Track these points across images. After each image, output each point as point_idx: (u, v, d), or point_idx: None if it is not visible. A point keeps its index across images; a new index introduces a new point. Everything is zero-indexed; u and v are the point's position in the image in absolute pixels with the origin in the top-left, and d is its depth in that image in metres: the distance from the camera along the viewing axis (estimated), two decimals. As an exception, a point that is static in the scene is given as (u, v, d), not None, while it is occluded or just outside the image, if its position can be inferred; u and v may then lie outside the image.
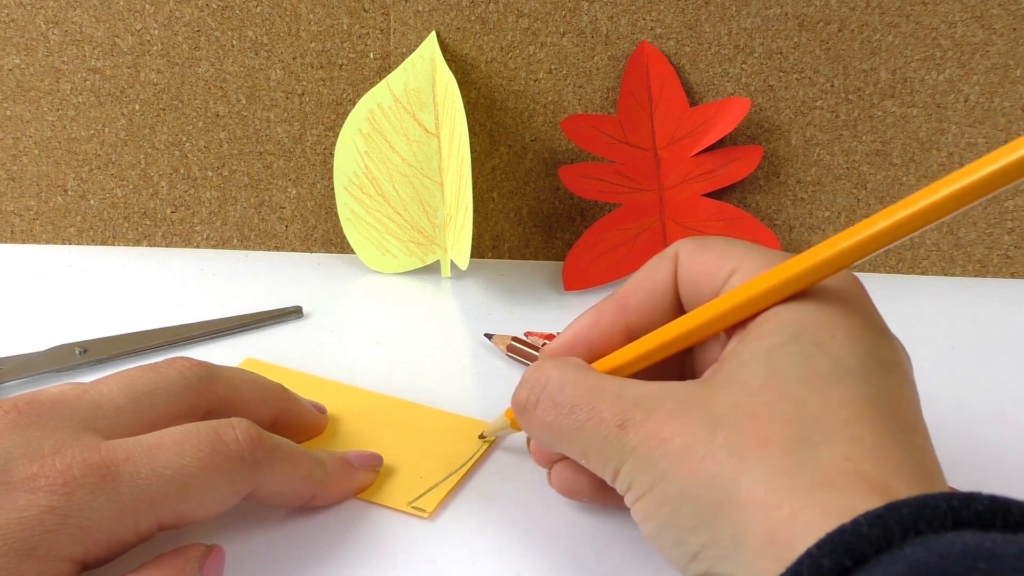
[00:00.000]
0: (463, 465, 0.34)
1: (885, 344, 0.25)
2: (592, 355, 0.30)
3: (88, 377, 0.40)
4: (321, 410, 0.36)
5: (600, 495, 0.30)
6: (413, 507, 0.31)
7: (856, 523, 0.19)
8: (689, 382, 0.26)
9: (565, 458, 0.30)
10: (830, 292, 0.26)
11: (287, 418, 0.33)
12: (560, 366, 0.28)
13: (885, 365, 0.24)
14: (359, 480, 0.32)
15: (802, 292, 0.25)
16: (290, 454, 0.29)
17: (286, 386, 0.34)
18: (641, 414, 0.25)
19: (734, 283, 0.27)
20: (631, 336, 0.29)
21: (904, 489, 0.21)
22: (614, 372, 0.29)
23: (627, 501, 0.25)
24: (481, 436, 0.35)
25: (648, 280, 0.29)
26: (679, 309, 0.29)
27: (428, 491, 0.32)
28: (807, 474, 0.21)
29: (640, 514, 0.25)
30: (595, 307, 0.30)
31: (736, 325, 0.26)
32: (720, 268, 0.28)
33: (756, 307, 0.26)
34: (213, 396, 0.30)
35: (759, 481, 0.22)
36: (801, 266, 0.25)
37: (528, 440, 0.33)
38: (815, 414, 0.23)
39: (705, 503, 0.23)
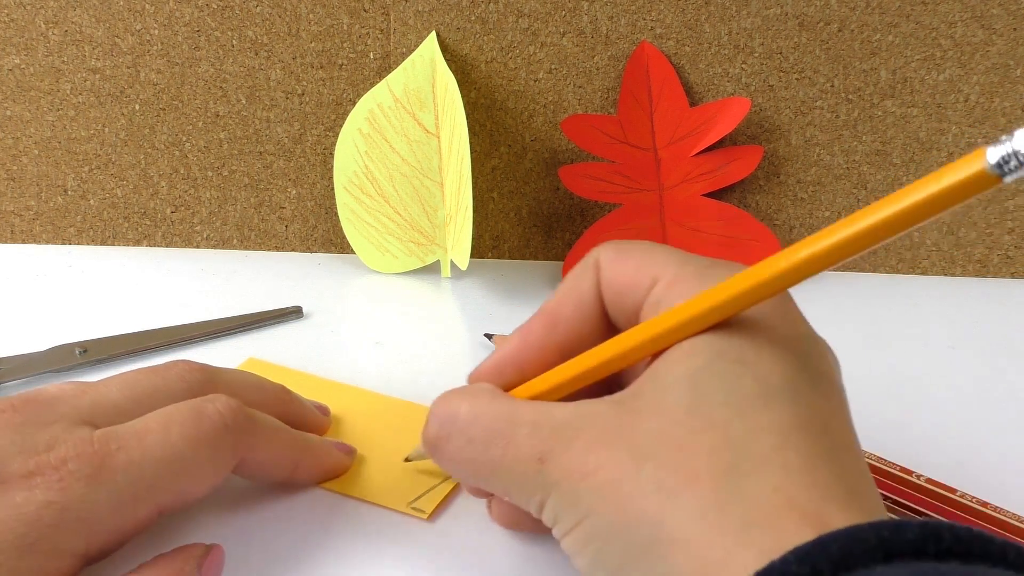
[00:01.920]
0: None
1: (813, 354, 0.24)
2: (522, 376, 0.28)
3: (88, 377, 0.40)
4: (324, 411, 0.36)
5: (541, 526, 0.28)
6: (412, 508, 0.31)
7: (785, 561, 0.19)
8: (609, 403, 0.24)
9: None
10: None
11: (289, 420, 0.33)
12: (470, 396, 0.26)
13: (813, 379, 0.23)
14: (338, 457, 0.33)
15: None
16: (271, 423, 0.30)
17: (289, 387, 0.34)
18: (561, 445, 0.23)
19: (657, 294, 0.25)
20: (562, 353, 0.28)
21: (837, 516, 0.20)
22: (539, 398, 0.27)
23: (555, 534, 0.24)
24: (407, 459, 0.33)
25: (573, 292, 0.28)
26: (607, 320, 0.28)
27: (427, 492, 0.32)
28: (738, 510, 0.20)
29: (570, 548, 0.24)
30: (523, 326, 0.28)
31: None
32: (642, 277, 0.26)
33: (687, 332, 0.24)
34: None
35: (690, 519, 0.21)
36: (739, 288, 0.23)
37: None
38: (743, 441, 0.21)
39: (635, 542, 0.22)
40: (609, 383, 0.29)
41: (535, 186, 0.51)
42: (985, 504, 0.31)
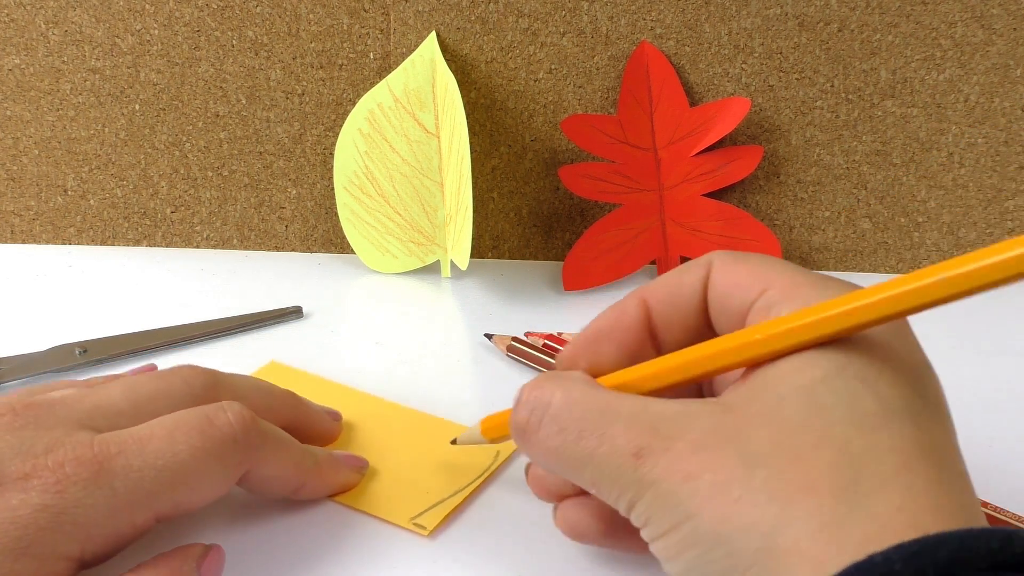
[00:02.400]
0: (470, 484, 0.33)
1: (930, 383, 0.23)
2: (612, 357, 0.27)
3: (88, 378, 0.40)
4: (335, 417, 0.35)
5: (610, 539, 0.28)
6: (414, 523, 0.31)
7: (888, 559, 0.18)
8: (712, 405, 0.23)
9: (570, 495, 0.28)
10: None
11: (297, 426, 0.33)
12: (564, 384, 0.26)
13: (931, 406, 0.23)
14: (346, 475, 0.32)
15: None
16: (282, 440, 0.30)
17: (309, 392, 0.34)
18: (661, 442, 0.23)
19: (769, 298, 0.25)
20: (650, 339, 0.27)
21: None
22: (628, 387, 0.26)
23: (644, 536, 0.23)
24: (453, 442, 0.33)
25: (675, 281, 0.27)
26: (705, 319, 0.27)
27: (431, 508, 0.32)
28: (859, 526, 0.20)
29: (663, 552, 0.23)
30: (617, 304, 0.28)
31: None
32: (753, 282, 0.25)
33: (804, 340, 0.23)
34: None
35: (807, 531, 0.20)
36: (866, 301, 0.22)
37: (527, 469, 0.30)
38: (863, 459, 0.21)
39: (741, 549, 0.21)
40: (701, 389, 0.28)
41: (535, 186, 0.51)
42: (985, 504, 0.31)
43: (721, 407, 0.23)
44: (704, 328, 0.27)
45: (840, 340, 0.23)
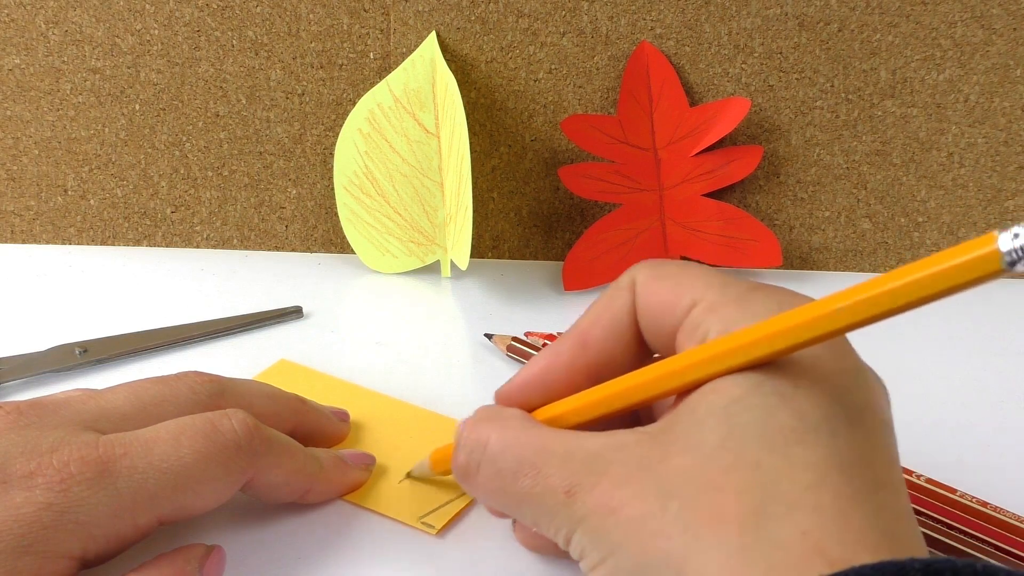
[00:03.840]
0: None
1: (857, 388, 0.23)
2: (549, 398, 0.27)
3: (88, 377, 0.40)
4: (343, 417, 0.35)
5: (566, 552, 0.28)
6: (423, 522, 0.31)
7: None
8: (641, 434, 0.23)
9: None
10: None
11: (304, 430, 0.33)
12: (500, 425, 0.26)
13: (855, 414, 0.22)
14: (353, 477, 0.32)
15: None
16: (287, 446, 0.30)
17: (318, 391, 0.34)
18: (591, 479, 0.23)
19: (695, 317, 0.24)
20: (591, 375, 0.27)
21: (867, 562, 0.19)
22: (562, 419, 0.26)
23: (583, 568, 0.24)
24: (408, 475, 0.33)
25: (607, 312, 0.27)
26: (641, 342, 0.27)
27: (439, 507, 0.32)
28: (763, 556, 0.20)
29: None
30: (552, 346, 0.28)
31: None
32: (679, 298, 0.25)
33: (726, 367, 0.23)
34: None
35: (713, 563, 0.20)
36: (787, 326, 0.22)
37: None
38: (774, 480, 0.21)
39: None
40: (640, 413, 0.28)
41: (535, 186, 0.51)
42: (985, 504, 0.31)
43: (647, 436, 0.23)
44: (645, 354, 0.27)
45: None
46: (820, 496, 0.20)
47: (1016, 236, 0.17)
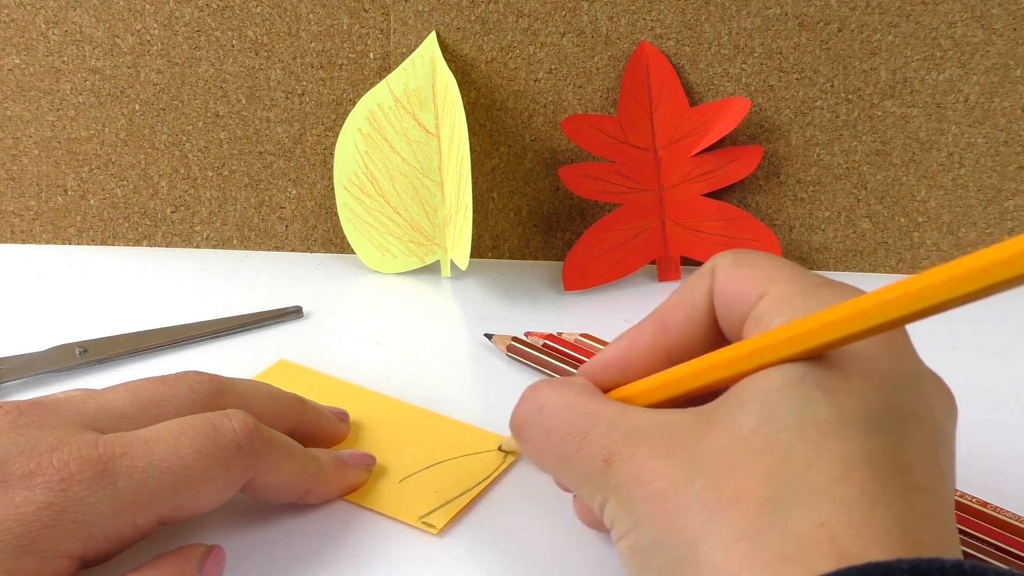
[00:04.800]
0: (480, 483, 0.33)
1: (910, 391, 0.22)
2: (628, 378, 0.28)
3: (88, 377, 0.40)
4: (342, 417, 0.35)
5: None
6: (423, 522, 0.31)
7: None
8: (687, 415, 0.24)
9: None
10: None
11: (303, 430, 0.33)
12: (559, 388, 0.27)
13: (902, 417, 0.22)
14: (353, 478, 0.32)
15: None
16: (287, 447, 0.30)
17: (318, 391, 0.34)
18: (628, 449, 0.23)
19: (761, 308, 0.24)
20: (671, 358, 0.27)
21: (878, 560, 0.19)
22: (630, 400, 0.27)
23: (613, 537, 0.24)
24: (500, 448, 0.34)
25: (688, 297, 0.27)
26: (717, 330, 0.27)
27: (441, 507, 0.32)
28: (773, 542, 0.19)
29: (621, 555, 0.23)
30: (635, 327, 0.28)
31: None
32: (751, 288, 0.25)
33: (779, 356, 0.23)
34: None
35: (721, 544, 0.20)
36: (839, 317, 0.21)
37: None
38: (800, 469, 0.20)
39: (672, 559, 0.21)
40: (707, 399, 0.28)
41: (535, 186, 0.51)
42: (985, 504, 0.31)
43: (692, 416, 0.23)
44: (721, 340, 0.27)
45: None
46: (845, 490, 0.20)
47: None
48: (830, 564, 0.19)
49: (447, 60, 0.48)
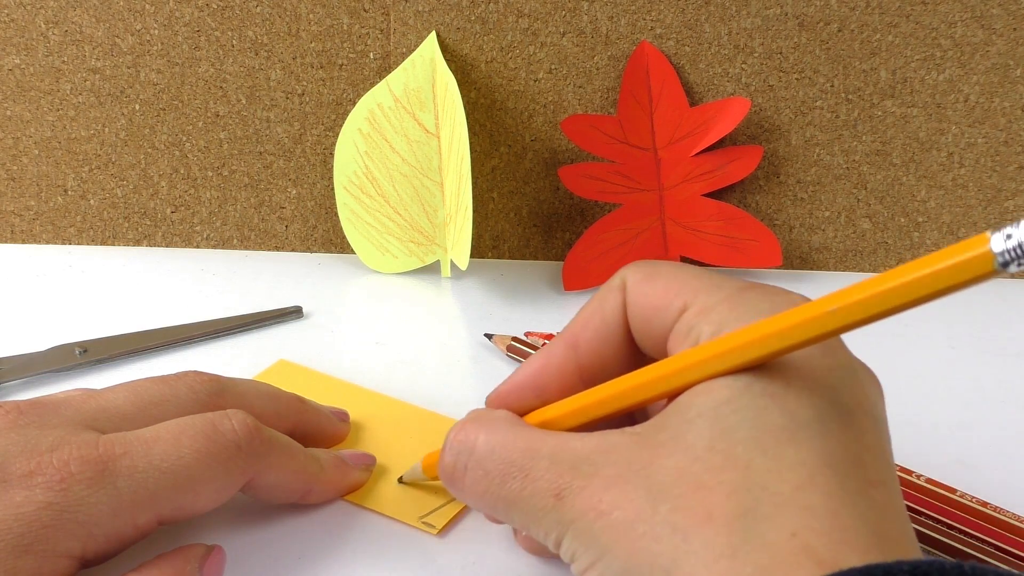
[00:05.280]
0: None
1: (848, 385, 0.23)
2: (541, 401, 0.27)
3: (88, 377, 0.40)
4: (342, 417, 0.35)
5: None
6: (423, 522, 0.31)
7: None
8: (630, 435, 0.23)
9: None
10: None
11: (303, 430, 0.33)
12: (488, 427, 0.26)
13: (846, 411, 0.22)
14: (353, 478, 0.32)
15: None
16: (287, 447, 0.30)
17: (318, 391, 0.34)
18: (579, 481, 0.23)
19: (688, 320, 0.24)
20: (583, 377, 0.27)
21: (855, 563, 0.19)
22: (554, 423, 0.26)
23: (574, 571, 0.23)
24: (400, 480, 0.33)
25: (597, 315, 0.27)
26: (632, 345, 0.27)
27: (440, 507, 0.32)
28: (751, 557, 0.20)
29: None
30: (544, 348, 0.28)
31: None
32: (670, 301, 0.25)
33: (717, 370, 0.22)
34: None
35: (701, 565, 0.20)
36: (778, 329, 0.21)
37: None
38: (763, 480, 0.20)
39: None
40: (635, 415, 0.27)
41: (535, 186, 0.51)
42: (985, 504, 0.31)
43: (637, 438, 0.23)
44: (636, 355, 0.27)
45: None
46: (810, 496, 0.20)
47: (1009, 237, 0.17)
48: (810, 572, 0.19)
49: (447, 60, 0.48)
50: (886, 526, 0.20)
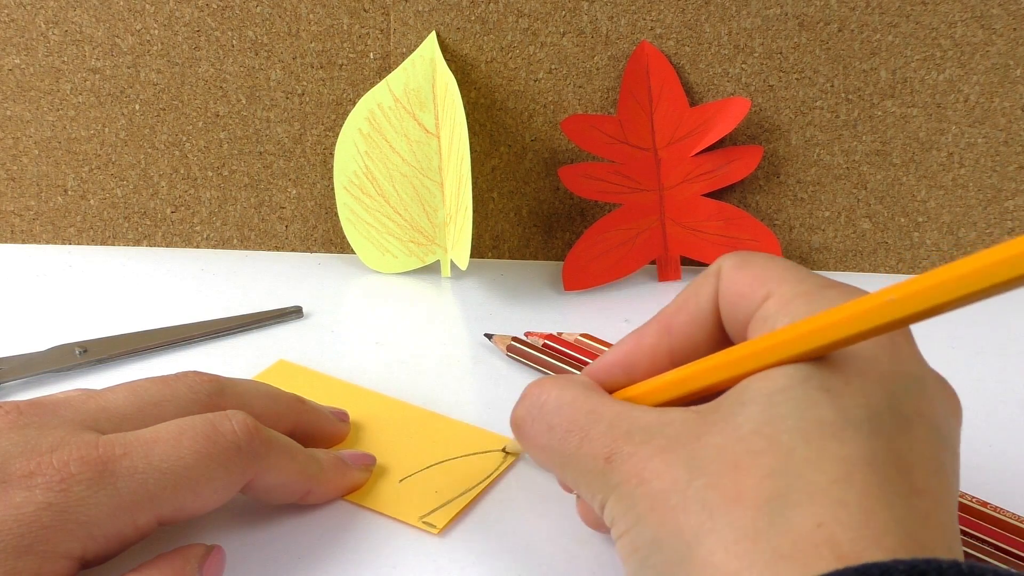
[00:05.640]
0: (480, 483, 0.33)
1: (913, 393, 0.22)
2: (629, 380, 0.28)
3: (88, 377, 0.40)
4: (342, 417, 0.35)
5: None
6: (424, 522, 0.31)
7: None
8: (689, 414, 0.24)
9: None
10: None
11: (303, 430, 0.33)
12: (561, 384, 0.27)
13: (905, 418, 0.22)
14: (353, 478, 0.32)
15: None
16: (287, 448, 0.30)
17: (318, 391, 0.34)
18: (630, 448, 0.23)
19: (767, 309, 0.24)
20: (675, 361, 0.27)
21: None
22: (634, 401, 0.26)
23: (612, 535, 0.24)
24: (504, 450, 0.34)
25: (692, 300, 0.27)
26: (722, 331, 0.27)
27: (441, 507, 0.32)
28: (772, 541, 0.19)
29: (620, 553, 0.23)
30: (638, 329, 0.28)
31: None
32: (756, 290, 0.25)
33: (783, 356, 0.23)
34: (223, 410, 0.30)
35: (722, 544, 0.20)
36: (844, 317, 0.21)
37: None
38: (800, 469, 0.20)
39: (671, 557, 0.21)
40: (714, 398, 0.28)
41: (535, 186, 0.51)
42: (985, 504, 0.31)
43: (694, 415, 0.23)
44: (725, 342, 0.27)
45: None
46: (845, 490, 0.20)
47: None
48: (828, 564, 0.19)
49: (447, 60, 0.48)
50: (924, 534, 0.20)
